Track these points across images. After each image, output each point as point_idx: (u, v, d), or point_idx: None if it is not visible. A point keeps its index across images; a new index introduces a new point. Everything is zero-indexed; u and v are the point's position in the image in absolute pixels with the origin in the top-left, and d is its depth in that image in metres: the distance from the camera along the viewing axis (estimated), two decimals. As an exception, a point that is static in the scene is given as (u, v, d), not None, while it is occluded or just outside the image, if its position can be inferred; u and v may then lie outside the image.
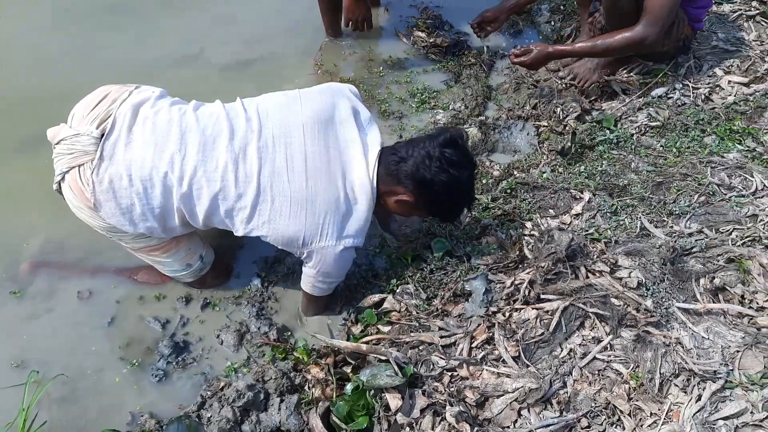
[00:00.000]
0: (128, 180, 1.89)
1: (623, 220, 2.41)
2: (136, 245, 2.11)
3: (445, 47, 3.52)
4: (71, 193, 1.94)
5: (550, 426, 1.84)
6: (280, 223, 1.97)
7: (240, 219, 1.98)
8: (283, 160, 1.96)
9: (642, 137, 2.81)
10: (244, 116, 2.01)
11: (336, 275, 2.16)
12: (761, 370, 1.90)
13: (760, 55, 3.13)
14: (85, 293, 2.35)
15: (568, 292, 2.08)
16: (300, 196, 1.95)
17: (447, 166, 1.99)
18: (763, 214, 2.36)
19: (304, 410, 2.03)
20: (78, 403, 2.07)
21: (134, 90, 2.03)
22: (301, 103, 2.06)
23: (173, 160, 1.90)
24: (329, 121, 2.04)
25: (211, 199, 1.94)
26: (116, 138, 1.91)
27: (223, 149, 1.94)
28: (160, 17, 3.59)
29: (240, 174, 1.93)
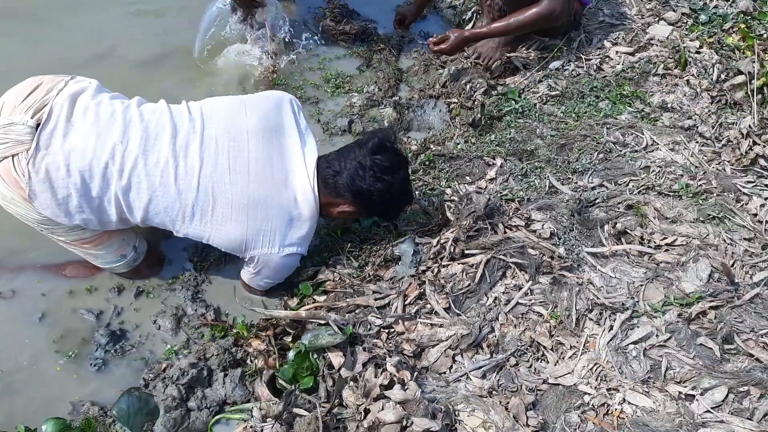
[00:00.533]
0: (66, 170, 1.84)
1: (533, 180, 2.60)
2: (69, 238, 2.07)
3: (354, 34, 3.63)
4: (3, 184, 1.87)
5: (483, 367, 1.99)
6: (222, 228, 1.99)
7: (180, 218, 1.99)
8: (225, 162, 1.97)
9: (544, 106, 3.02)
10: (187, 116, 2.02)
11: (275, 278, 2.22)
12: (662, 299, 2.13)
13: (641, 27, 3.42)
14: (8, 293, 2.29)
15: (489, 246, 2.23)
16: (242, 201, 1.97)
17: (381, 174, 2.05)
18: (654, 165, 2.61)
19: (249, 381, 2.09)
20: (16, 397, 2.03)
21: (70, 80, 1.98)
22: (247, 109, 2.08)
23: (114, 151, 1.88)
24: (274, 129, 2.08)
25: (150, 194, 1.93)
26: (53, 127, 1.86)
27: (166, 145, 1.93)
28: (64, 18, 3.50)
29: (180, 171, 1.93)
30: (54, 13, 3.50)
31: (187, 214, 1.98)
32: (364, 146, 2.08)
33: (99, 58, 3.26)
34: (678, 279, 2.16)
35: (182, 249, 2.51)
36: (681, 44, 3.17)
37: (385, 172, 2.06)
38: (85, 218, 1.95)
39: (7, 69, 3.03)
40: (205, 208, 1.97)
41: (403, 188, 2.15)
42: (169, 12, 3.60)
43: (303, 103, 3.20)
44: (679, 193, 2.46)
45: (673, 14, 3.44)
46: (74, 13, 3.51)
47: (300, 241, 2.09)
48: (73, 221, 1.95)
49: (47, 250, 2.33)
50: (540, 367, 2.00)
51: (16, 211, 1.95)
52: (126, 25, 3.49)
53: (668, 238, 2.29)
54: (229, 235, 2.01)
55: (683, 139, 2.73)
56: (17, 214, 1.96)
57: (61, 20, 3.47)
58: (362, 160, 2.06)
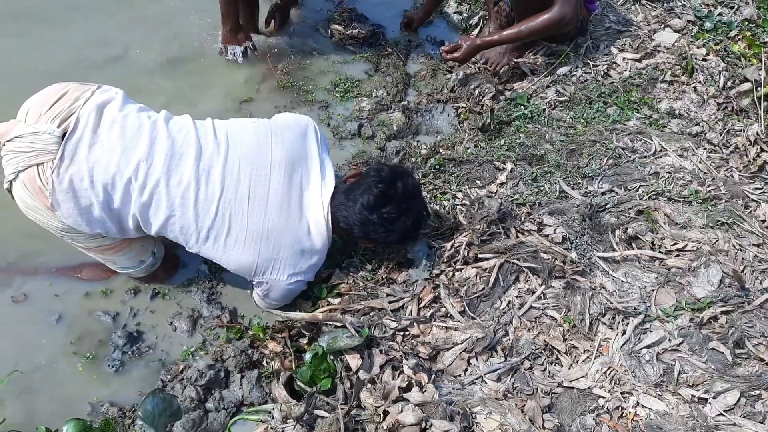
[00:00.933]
0: (90, 182, 1.86)
1: (543, 185, 2.62)
2: (90, 245, 2.09)
3: (362, 38, 3.66)
4: (26, 193, 1.88)
5: (497, 370, 2.01)
6: (234, 253, 2.02)
7: (194, 239, 2.01)
8: (245, 190, 1.99)
9: (552, 111, 3.05)
10: (213, 138, 2.03)
11: (282, 301, 2.25)
12: (674, 303, 2.16)
13: (647, 33, 3.46)
14: (24, 295, 2.31)
15: (503, 250, 2.26)
16: (257, 229, 2.00)
17: (389, 226, 2.09)
18: (663, 171, 2.64)
19: (266, 383, 2.11)
20: (35, 398, 2.05)
21: (96, 90, 1.98)
22: (272, 138, 2.09)
23: (138, 167, 1.89)
24: (297, 161, 2.10)
25: (168, 213, 1.95)
26: (79, 138, 1.86)
27: (189, 166, 1.95)
28: (75, 21, 3.52)
29: (201, 195, 1.95)
30: (65, 16, 3.52)
31: (202, 236, 2.01)
32: (368, 196, 2.06)
33: (112, 61, 3.28)
34: (689, 284, 2.19)
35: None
36: (688, 51, 3.21)
37: (396, 222, 2.09)
38: (105, 227, 1.97)
39: (20, 71, 3.06)
40: (219, 233, 2.00)
41: (415, 225, 2.17)
42: (179, 15, 3.62)
43: (312, 107, 3.23)
44: (688, 199, 2.49)
45: (679, 21, 3.48)
46: (86, 16, 3.53)
47: (308, 270, 2.13)
48: (94, 230, 1.97)
49: (63, 253, 2.35)
50: (554, 371, 2.03)
51: (38, 219, 1.97)
52: (137, 28, 3.51)
53: (679, 243, 2.32)
54: (240, 261, 2.04)
55: (691, 146, 2.76)
56: (39, 221, 1.98)
57: (73, 23, 3.48)
58: (371, 217, 2.07)
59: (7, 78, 2.97)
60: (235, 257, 2.03)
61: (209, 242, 2.01)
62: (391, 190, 2.07)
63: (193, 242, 2.02)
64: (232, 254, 2.02)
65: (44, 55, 3.24)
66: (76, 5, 3.59)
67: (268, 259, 2.03)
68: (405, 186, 2.10)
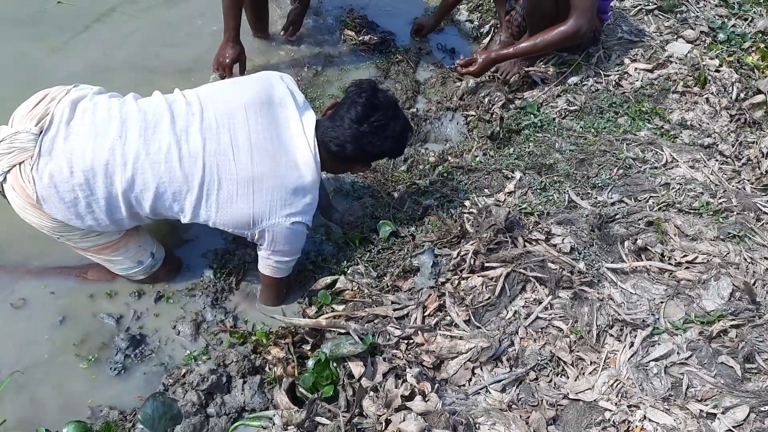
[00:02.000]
0: (69, 173, 1.87)
1: (552, 194, 2.60)
2: (85, 244, 2.09)
3: (373, 45, 3.66)
4: (14, 193, 1.91)
5: (502, 381, 1.99)
6: (229, 206, 2.00)
7: (189, 202, 1.99)
8: (227, 140, 1.99)
9: (563, 120, 3.03)
10: (184, 101, 2.04)
11: (291, 251, 2.19)
12: (683, 316, 2.12)
13: (660, 44, 3.43)
14: (29, 295, 2.30)
15: (510, 260, 2.24)
16: (246, 175, 1.98)
17: (384, 133, 2.13)
18: (674, 182, 2.62)
19: (268, 389, 2.09)
20: (36, 400, 2.04)
21: (72, 88, 2.03)
22: (241, 87, 2.12)
23: (114, 147, 1.90)
24: (269, 102, 2.10)
25: (158, 183, 1.94)
26: (55, 133, 1.89)
27: (166, 131, 1.95)
28: (83, 27, 3.56)
29: (184, 153, 1.95)
30: (84, 23, 3.57)
31: (195, 197, 1.98)
32: (355, 109, 2.10)
33: (128, 65, 3.31)
34: (699, 297, 2.16)
35: (201, 255, 2.52)
36: (701, 62, 3.18)
37: (387, 128, 2.13)
38: (96, 218, 1.96)
39: (37, 74, 3.10)
40: (210, 188, 1.98)
41: (402, 130, 2.21)
42: (192, 20, 3.65)
43: (319, 114, 3.21)
44: (699, 211, 2.46)
45: (692, 32, 3.46)
46: (104, 22, 3.59)
47: (305, 209, 2.09)
48: (85, 223, 1.96)
49: (68, 254, 2.33)
50: (560, 382, 2.00)
51: (30, 220, 1.98)
52: (160, 33, 3.57)
53: (689, 255, 2.28)
54: (237, 213, 2.02)
55: (703, 157, 2.73)
56: (32, 222, 1.99)
57: (91, 29, 3.53)
58: (362, 129, 2.10)
59: (24, 81, 3.00)
60: (232, 211, 2.01)
61: (203, 202, 2.00)
62: (375, 99, 2.12)
63: (189, 207, 2.00)
64: (228, 208, 2.01)
65: (62, 59, 3.29)
66: (96, 12, 3.63)
67: (263, 202, 2.01)
68: (386, 96, 2.19)
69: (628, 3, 3.74)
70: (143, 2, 3.76)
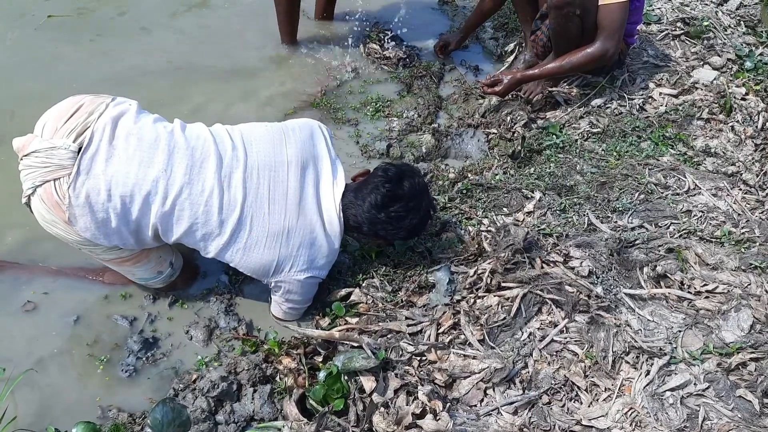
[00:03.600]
0: (107, 195, 1.86)
1: (571, 216, 2.58)
2: (108, 257, 2.10)
3: (397, 59, 3.67)
4: (44, 207, 1.90)
5: (515, 403, 1.96)
6: (254, 253, 2.03)
7: (216, 245, 2.02)
8: (266, 192, 2.02)
9: (585, 142, 3.01)
10: (230, 143, 2.04)
11: (304, 301, 2.25)
12: (701, 346, 2.09)
13: (686, 70, 3.41)
14: (46, 294, 2.31)
15: (527, 281, 2.22)
16: (277, 229, 2.01)
17: (397, 224, 2.14)
18: (696, 210, 2.59)
19: (278, 399, 2.08)
20: (47, 398, 2.04)
21: (111, 102, 1.99)
22: (286, 139, 2.12)
23: (158, 179, 1.90)
24: (309, 160, 2.12)
25: (192, 222, 1.96)
26: (95, 152, 1.87)
27: (211, 174, 1.96)
28: (125, 33, 3.63)
29: (225, 201, 1.97)
30: (122, 28, 3.66)
31: (224, 241, 2.01)
32: (375, 195, 2.10)
33: (163, 70, 3.38)
34: (718, 327, 2.12)
35: (219, 261, 2.51)
36: (726, 90, 3.15)
37: (404, 220, 2.14)
38: (123, 239, 1.98)
39: (74, 77, 3.16)
40: (241, 236, 2.01)
41: (421, 221, 2.21)
42: (229, 28, 3.72)
43: (342, 125, 3.24)
44: (721, 240, 2.43)
45: (719, 59, 3.43)
46: (147, 27, 3.69)
47: (323, 267, 2.15)
48: (111, 242, 1.98)
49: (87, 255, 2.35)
50: (573, 408, 1.97)
51: (56, 233, 1.98)
52: (200, 40, 3.66)
53: (709, 285, 2.25)
54: (260, 261, 2.05)
55: (726, 186, 2.70)
56: (58, 235, 1.99)
57: (128, 34, 3.62)
58: (379, 216, 2.11)
59: (60, 83, 3.07)
60: (256, 258, 2.03)
61: (231, 246, 2.02)
62: (398, 189, 2.11)
63: (213, 248, 2.03)
64: (252, 255, 2.03)
65: (100, 63, 3.35)
66: (132, 18, 3.71)
67: (287, 256, 2.04)
68: (412, 185, 2.14)
69: (655, 27, 3.73)
70: (184, 10, 3.86)
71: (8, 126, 2.00)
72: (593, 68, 3.14)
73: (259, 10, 3.84)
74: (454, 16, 4.17)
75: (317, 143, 2.18)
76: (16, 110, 2.06)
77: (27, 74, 3.21)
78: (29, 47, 3.43)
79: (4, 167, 2.59)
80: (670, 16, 3.84)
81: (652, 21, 3.78)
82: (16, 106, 2.87)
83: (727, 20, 3.81)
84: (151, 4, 3.88)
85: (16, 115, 2.00)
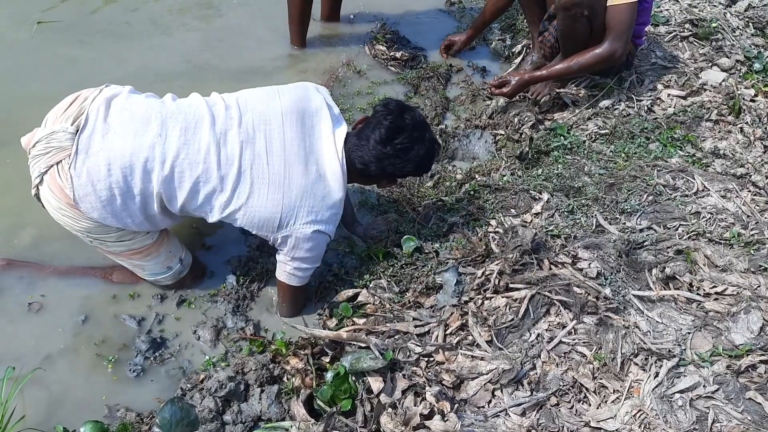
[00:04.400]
0: (107, 170, 1.89)
1: (579, 218, 2.57)
2: (118, 248, 2.11)
3: (404, 61, 3.67)
4: (50, 194, 1.94)
5: (523, 404, 1.95)
6: (257, 205, 2.02)
7: (219, 202, 2.02)
8: (263, 145, 2.03)
9: (593, 143, 3.00)
10: (223, 105, 2.08)
11: (311, 260, 2.19)
12: (710, 348, 2.08)
13: (694, 71, 3.40)
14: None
15: (535, 282, 2.21)
16: (277, 179, 2.02)
17: (405, 155, 2.14)
18: (705, 211, 2.57)
19: (285, 399, 2.08)
20: (55, 398, 2.05)
21: (104, 87, 2.06)
22: (279, 95, 2.15)
23: (154, 145, 1.93)
24: (305, 112, 2.13)
25: (194, 183, 1.97)
26: (91, 130, 1.92)
27: (206, 132, 1.98)
28: (141, 35, 3.66)
29: (222, 157, 1.98)
30: (135, 30, 3.70)
31: (227, 197, 2.01)
32: (379, 130, 2.12)
33: (175, 72, 3.43)
34: (727, 329, 2.11)
35: (226, 261, 2.53)
36: (735, 91, 3.14)
37: (411, 151, 2.14)
38: (131, 215, 1.99)
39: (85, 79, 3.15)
40: (242, 190, 2.01)
41: (428, 153, 2.21)
42: (240, 28, 3.75)
43: (348, 127, 3.23)
44: (730, 242, 2.41)
45: (727, 61, 3.42)
46: (165, 31, 3.75)
47: (329, 219, 2.12)
48: (121, 221, 1.99)
49: (95, 255, 2.36)
50: (581, 409, 1.96)
51: (65, 221, 2.01)
52: (214, 41, 3.70)
53: (718, 286, 2.24)
54: (264, 212, 2.04)
55: (735, 187, 2.68)
56: (66, 223, 2.02)
57: (140, 36, 3.67)
58: (385, 150, 2.12)
59: (73, 83, 3.06)
60: (259, 209, 2.03)
61: (233, 201, 2.02)
62: (400, 120, 2.12)
63: (218, 206, 2.03)
64: (255, 207, 2.03)
65: (115, 64, 3.41)
66: (149, 21, 3.76)
67: (290, 206, 2.04)
68: (413, 117, 2.16)
69: (663, 29, 3.72)
70: (198, 11, 3.89)
71: (22, 129, 2.02)
72: (601, 69, 3.13)
73: (267, 11, 3.86)
74: (461, 18, 4.17)
75: (313, 97, 2.18)
76: (28, 113, 2.09)
77: (39, 77, 3.24)
78: (38, 50, 3.45)
79: (14, 168, 2.60)
80: (678, 18, 3.83)
81: (660, 22, 3.77)
82: (28, 108, 2.90)
83: (735, 22, 3.80)
84: (160, 6, 3.91)
85: (28, 117, 2.03)
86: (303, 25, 3.60)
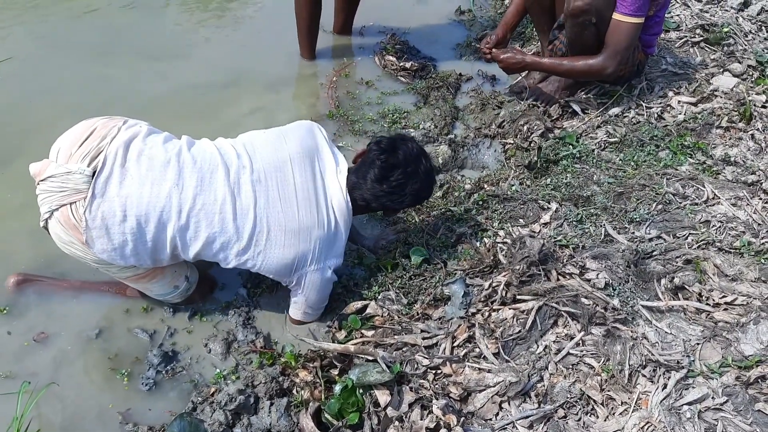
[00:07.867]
0: (122, 216, 1.92)
1: (588, 227, 2.57)
2: (124, 275, 2.16)
3: (414, 71, 3.70)
4: (62, 229, 1.96)
5: (530, 417, 1.96)
6: (274, 252, 2.07)
7: (235, 251, 2.06)
8: (276, 193, 2.07)
9: (602, 152, 3.00)
10: (234, 153, 2.10)
11: (323, 299, 2.29)
12: (719, 359, 2.06)
13: (705, 77, 3.38)
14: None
15: (542, 293, 2.21)
16: (293, 226, 2.06)
17: (401, 191, 2.21)
18: (715, 220, 2.55)
19: (294, 412, 2.10)
20: (68, 412, 2.08)
21: (122, 126, 2.05)
22: (285, 139, 2.19)
23: (171, 194, 1.96)
24: (311, 153, 2.19)
25: (209, 233, 2.01)
26: (108, 175, 1.93)
27: (221, 182, 2.02)
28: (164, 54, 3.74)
29: (237, 206, 2.02)
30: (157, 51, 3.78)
31: (242, 247, 2.05)
32: (374, 169, 2.18)
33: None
34: (737, 340, 2.09)
35: (237, 274, 2.56)
36: (746, 97, 3.11)
37: (406, 187, 2.21)
38: (139, 259, 2.03)
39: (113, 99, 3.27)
40: (259, 238, 2.05)
41: (426, 183, 2.28)
42: (255, 42, 3.83)
43: (360, 137, 3.27)
44: (740, 251, 2.40)
45: (739, 66, 3.40)
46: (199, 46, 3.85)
47: (339, 253, 2.21)
48: (128, 262, 2.03)
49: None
50: (589, 422, 1.96)
51: (74, 253, 2.04)
52: (241, 54, 3.79)
53: (728, 296, 2.22)
54: (281, 260, 2.08)
55: (746, 195, 2.66)
56: (76, 255, 2.05)
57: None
58: (382, 188, 2.19)
59: (106, 101, 3.19)
60: (277, 258, 2.08)
61: (249, 250, 2.06)
62: (393, 158, 2.18)
63: (234, 255, 2.07)
64: (273, 256, 2.07)
65: (145, 83, 3.47)
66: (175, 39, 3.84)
67: (306, 250, 2.09)
68: (405, 151, 2.20)
69: (674, 35, 3.70)
70: (224, 28, 4.00)
71: (44, 146, 2.07)
72: (589, 80, 3.16)
73: (277, 23, 3.91)
74: (471, 27, 4.19)
75: (316, 137, 2.24)
76: (53, 130, 2.15)
77: (57, 96, 3.31)
78: (60, 67, 3.52)
79: (30, 185, 2.66)
80: (689, 23, 3.81)
81: (670, 28, 3.76)
82: (54, 126, 2.99)
83: (747, 26, 3.77)
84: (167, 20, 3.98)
85: (53, 135, 2.07)
86: (312, 37, 3.65)
